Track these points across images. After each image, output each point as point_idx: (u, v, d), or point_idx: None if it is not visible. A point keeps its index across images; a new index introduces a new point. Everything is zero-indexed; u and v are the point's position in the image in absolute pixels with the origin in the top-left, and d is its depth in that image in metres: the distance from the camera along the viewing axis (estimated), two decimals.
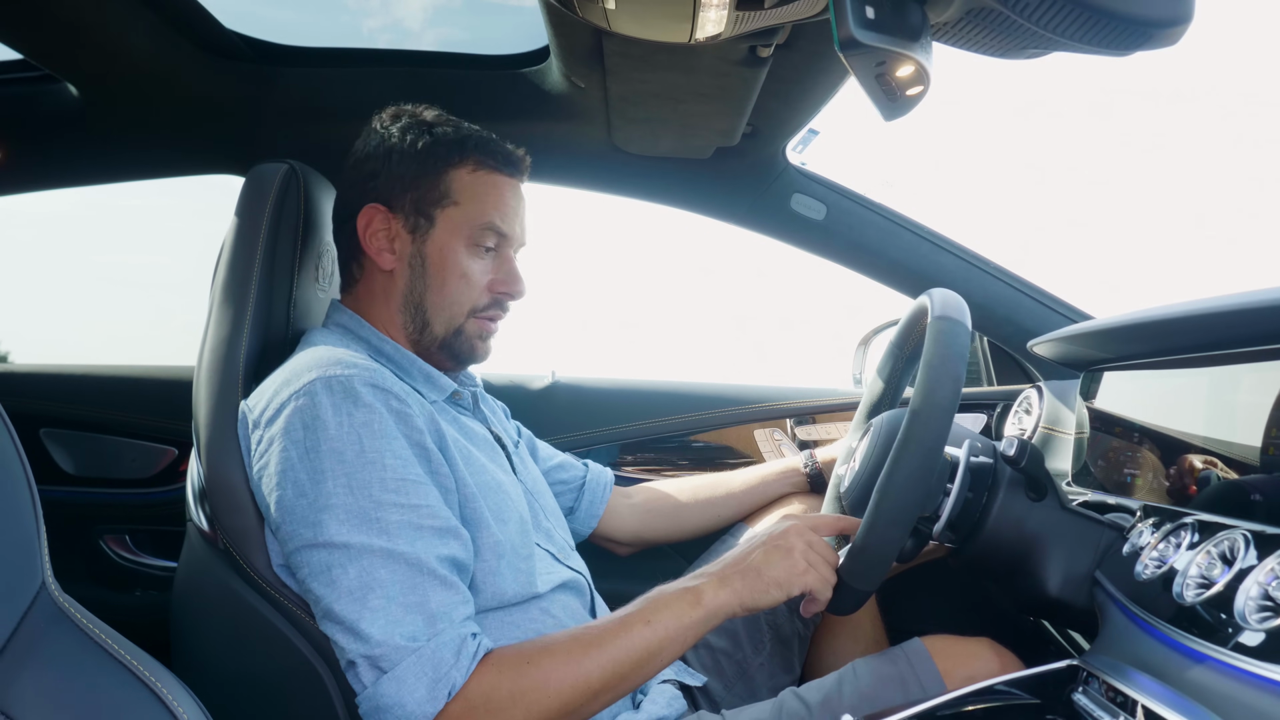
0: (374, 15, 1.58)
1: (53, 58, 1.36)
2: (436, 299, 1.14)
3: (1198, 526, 0.92)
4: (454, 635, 0.92)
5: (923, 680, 1.06)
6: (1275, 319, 0.85)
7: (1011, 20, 0.81)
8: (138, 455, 1.82)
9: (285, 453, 0.97)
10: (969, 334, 1.05)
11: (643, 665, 0.98)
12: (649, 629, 0.98)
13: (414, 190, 1.13)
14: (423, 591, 0.93)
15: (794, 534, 1.07)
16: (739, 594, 1.02)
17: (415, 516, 0.95)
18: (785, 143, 1.56)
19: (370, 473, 0.95)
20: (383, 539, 0.93)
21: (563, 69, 1.30)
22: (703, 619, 1.00)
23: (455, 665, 0.90)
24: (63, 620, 0.65)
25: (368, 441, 0.96)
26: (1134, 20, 0.76)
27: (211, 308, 1.16)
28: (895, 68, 0.80)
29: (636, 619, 0.99)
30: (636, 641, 0.97)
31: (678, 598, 1.01)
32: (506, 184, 1.17)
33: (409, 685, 0.89)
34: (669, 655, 1.00)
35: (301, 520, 0.95)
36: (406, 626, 0.91)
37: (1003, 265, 1.68)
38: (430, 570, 0.94)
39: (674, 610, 1.00)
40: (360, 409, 0.97)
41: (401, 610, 0.91)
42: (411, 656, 0.90)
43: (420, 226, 1.14)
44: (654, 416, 1.78)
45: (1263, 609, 0.75)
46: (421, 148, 1.14)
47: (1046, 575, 1.07)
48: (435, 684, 0.89)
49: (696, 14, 0.92)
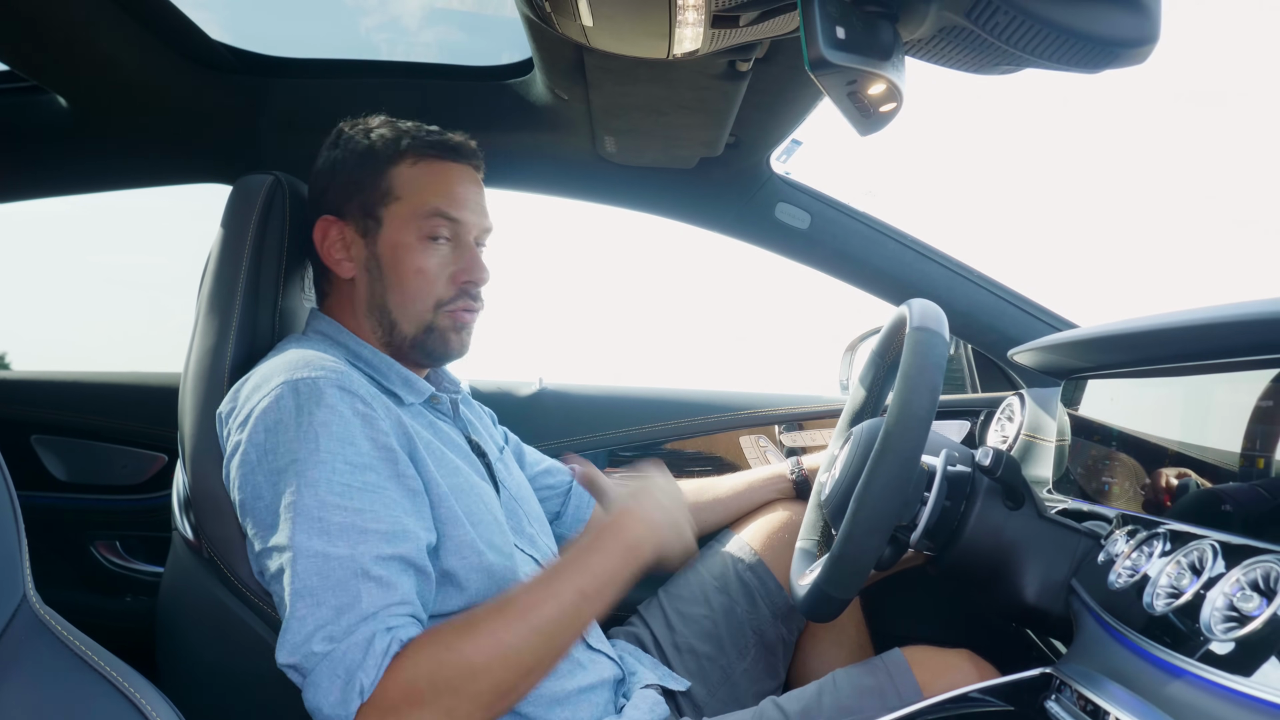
0: (371, 14, 1.59)
1: (41, 70, 1.36)
2: (398, 299, 1.13)
3: (1170, 536, 0.93)
4: (364, 634, 0.88)
5: (901, 691, 1.07)
6: (1254, 332, 0.86)
7: (983, 39, 0.82)
8: (129, 462, 1.82)
9: (245, 455, 0.97)
10: (946, 344, 1.06)
11: (574, 621, 0.96)
12: (580, 576, 0.97)
13: (359, 194, 1.14)
14: (353, 592, 0.90)
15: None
16: (652, 533, 1.03)
17: (359, 519, 0.93)
18: (768, 153, 1.57)
19: (320, 472, 0.94)
20: (322, 540, 0.91)
21: (546, 81, 1.32)
22: (628, 550, 1.00)
23: (363, 665, 0.87)
24: (43, 632, 0.65)
25: (324, 442, 0.95)
26: (1101, 40, 0.77)
27: (197, 317, 1.17)
28: (867, 86, 0.81)
29: (560, 573, 0.97)
30: (567, 595, 0.95)
31: (579, 547, 1.00)
32: (451, 169, 1.15)
33: (324, 690, 0.87)
34: (601, 601, 0.97)
35: (258, 523, 0.96)
36: (328, 629, 0.89)
37: (985, 273, 1.69)
38: (364, 571, 0.91)
39: (602, 553, 0.99)
40: (322, 409, 0.96)
41: (330, 613, 0.89)
42: (325, 661, 0.88)
43: (370, 229, 1.14)
44: (641, 423, 1.79)
45: (1228, 619, 0.76)
46: (361, 151, 1.14)
47: (1024, 583, 1.08)
48: (346, 686, 0.87)
49: (673, 31, 0.93)
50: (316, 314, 1.19)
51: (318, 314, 1.19)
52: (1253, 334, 0.87)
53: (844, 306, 1.81)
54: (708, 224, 1.71)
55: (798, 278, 1.75)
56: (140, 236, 7.10)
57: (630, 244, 14.43)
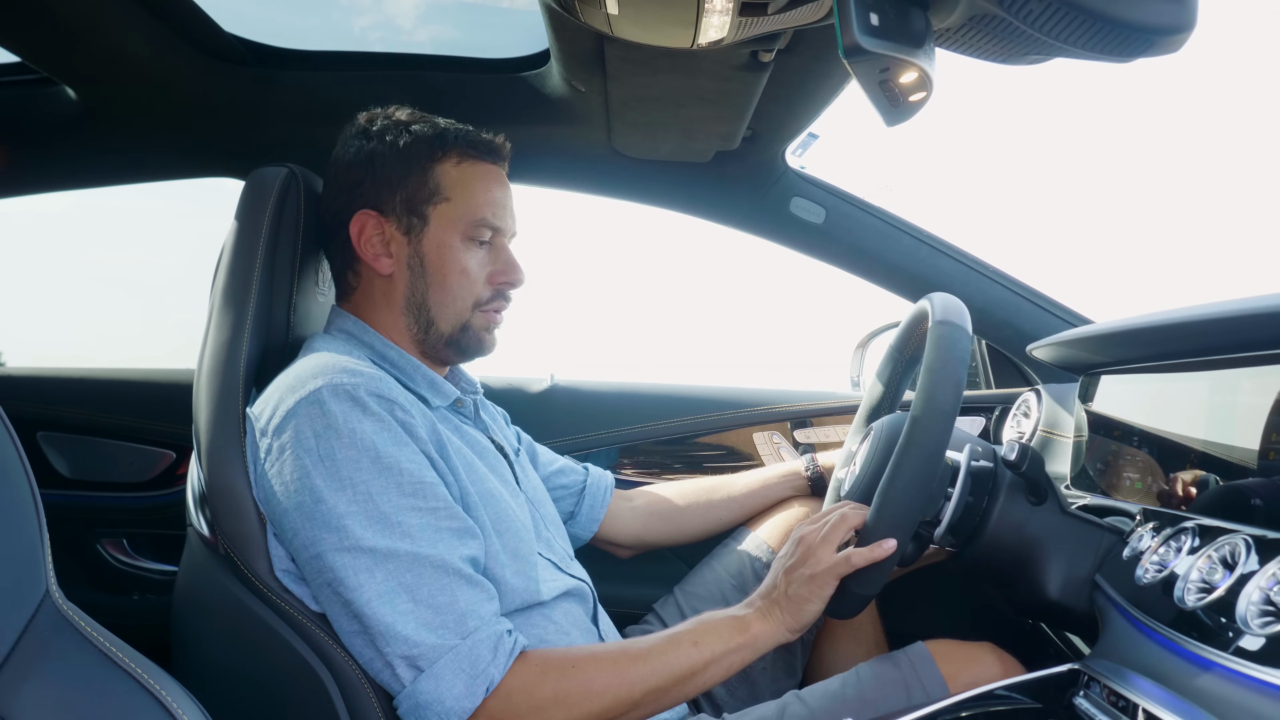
0: (367, 13, 1.58)
1: (51, 61, 1.35)
2: (439, 297, 1.14)
3: (1198, 531, 0.92)
4: (490, 632, 0.94)
5: (926, 684, 1.06)
6: (1274, 325, 0.86)
7: (1014, 26, 0.81)
8: (135, 459, 1.81)
9: (299, 460, 0.97)
10: (970, 339, 1.05)
11: (684, 683, 1.01)
12: (695, 650, 1.02)
13: (403, 190, 1.13)
14: (451, 591, 0.94)
15: (804, 543, 1.09)
16: (782, 624, 1.06)
17: (435, 519, 0.97)
18: (785, 147, 1.56)
19: (388, 478, 0.96)
20: (406, 542, 0.95)
21: (563, 73, 1.30)
22: (749, 646, 1.05)
23: (493, 661, 0.93)
24: (66, 628, 0.64)
25: (382, 447, 0.97)
26: (1136, 27, 0.76)
27: (211, 312, 1.15)
28: (899, 74, 0.81)
29: (685, 639, 1.03)
30: (682, 660, 1.01)
31: (726, 624, 1.05)
32: (492, 173, 1.17)
33: (447, 681, 0.91)
34: (711, 678, 1.03)
35: (324, 526, 0.95)
36: (440, 625, 0.93)
37: (1001, 269, 1.68)
38: (455, 570, 0.96)
39: (720, 635, 1.04)
40: (369, 417, 0.98)
41: (432, 611, 0.93)
42: (448, 654, 0.92)
43: (414, 226, 1.13)
44: (653, 419, 1.78)
45: (1264, 614, 0.76)
46: (403, 146, 1.13)
47: (1047, 579, 1.07)
48: (473, 680, 0.92)
49: (699, 19, 0.92)
50: (340, 311, 1.18)
51: (341, 311, 1.18)
52: (1273, 328, 0.86)
53: (840, 309, 1.80)
54: (721, 219, 1.70)
55: (811, 272, 1.75)
56: (133, 236, 7.05)
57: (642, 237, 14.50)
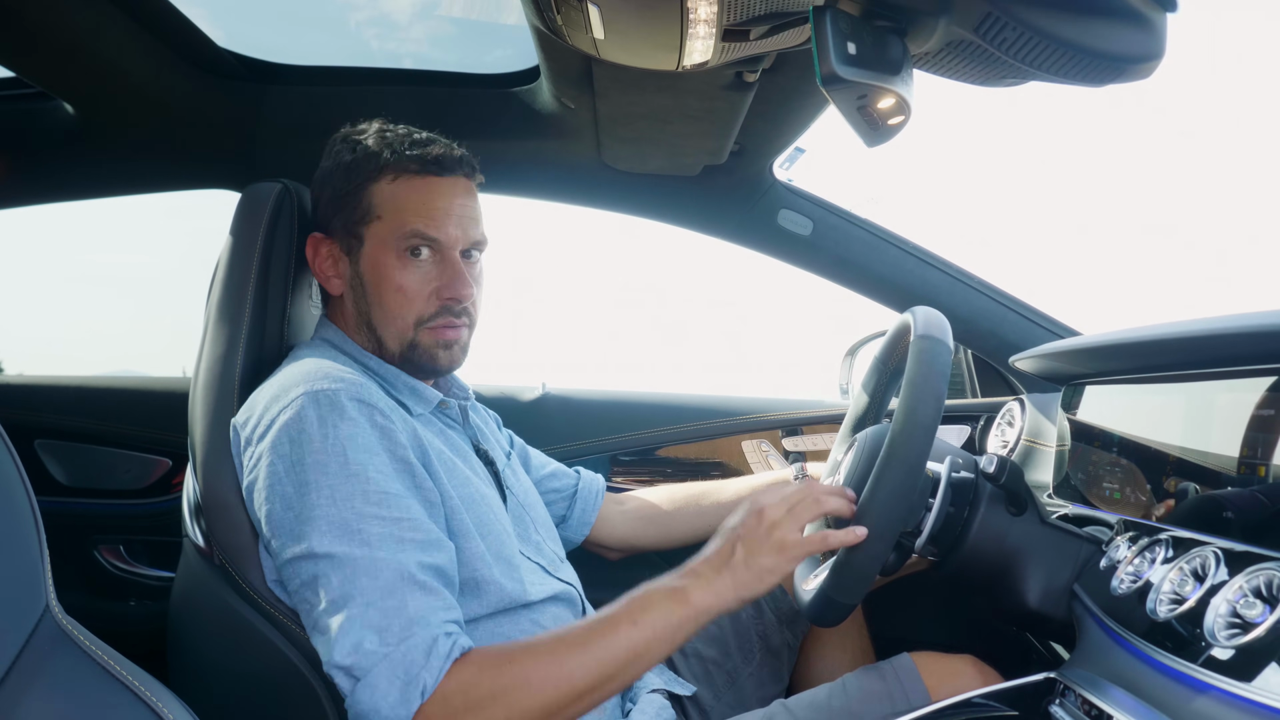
0: (363, 9, 1.60)
1: (48, 77, 1.37)
2: (380, 316, 1.13)
3: (1172, 542, 0.94)
4: (425, 637, 0.91)
5: (910, 696, 1.08)
6: (1255, 343, 0.87)
7: (990, 52, 0.84)
8: (132, 466, 1.83)
9: (272, 467, 0.98)
10: (951, 353, 1.07)
11: (628, 666, 0.96)
12: (635, 629, 0.96)
13: (341, 213, 1.14)
14: (400, 597, 0.93)
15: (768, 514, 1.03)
16: (732, 591, 1.00)
17: (397, 529, 0.96)
18: (772, 160, 1.58)
19: (353, 485, 0.96)
20: (364, 549, 0.94)
21: (553, 90, 1.32)
22: (691, 618, 0.98)
23: (426, 666, 0.90)
24: (66, 642, 0.65)
25: (351, 454, 0.97)
26: (1108, 56, 0.79)
27: (207, 325, 1.17)
28: (877, 100, 0.83)
29: (623, 618, 0.97)
30: (622, 642, 0.96)
31: (664, 597, 0.99)
32: (432, 184, 1.13)
33: (382, 690, 0.90)
34: (655, 656, 0.98)
35: (288, 533, 0.97)
36: (380, 633, 0.91)
37: (987, 280, 1.70)
38: (409, 576, 0.94)
39: (661, 610, 0.98)
40: (345, 422, 0.98)
41: (379, 615, 0.92)
42: (383, 662, 0.90)
43: (353, 247, 1.14)
44: (643, 428, 1.80)
45: (1231, 626, 0.77)
46: (343, 166, 1.14)
47: (1026, 588, 1.09)
48: (407, 686, 0.90)
49: (684, 43, 0.94)
50: (325, 322, 1.20)
51: (326, 322, 1.20)
52: (1253, 345, 0.88)
53: (829, 318, 1.82)
54: (710, 230, 1.72)
55: (799, 283, 1.77)
56: (127, 235, 7.05)
57: (632, 247, 14.38)
